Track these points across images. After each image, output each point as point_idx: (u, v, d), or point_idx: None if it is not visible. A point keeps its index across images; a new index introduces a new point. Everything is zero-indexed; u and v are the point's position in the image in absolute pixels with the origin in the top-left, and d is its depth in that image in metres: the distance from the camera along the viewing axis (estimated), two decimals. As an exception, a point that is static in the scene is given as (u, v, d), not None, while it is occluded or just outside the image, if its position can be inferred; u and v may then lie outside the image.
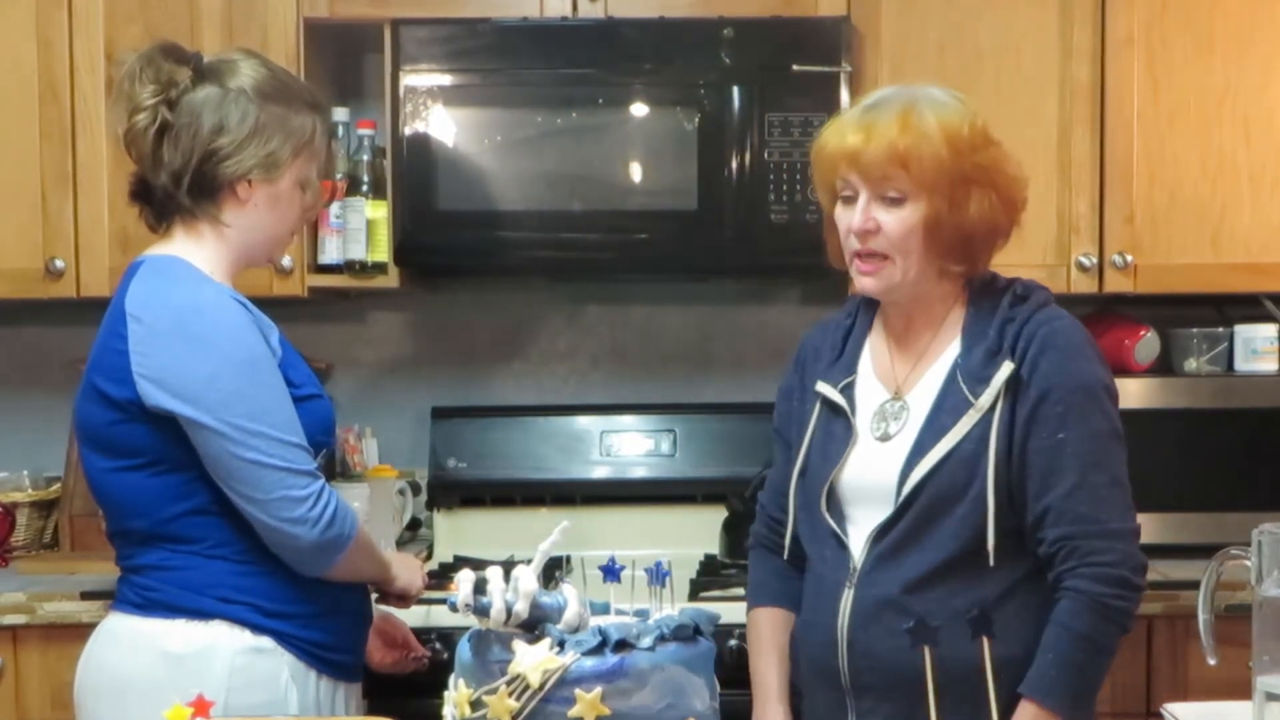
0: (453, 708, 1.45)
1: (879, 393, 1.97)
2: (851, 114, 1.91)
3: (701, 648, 1.46)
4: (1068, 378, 1.86)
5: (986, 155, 1.88)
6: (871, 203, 1.87)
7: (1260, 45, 2.87)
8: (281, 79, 2.11)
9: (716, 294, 3.30)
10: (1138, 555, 1.86)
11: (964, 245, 1.89)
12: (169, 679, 1.96)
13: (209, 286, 2.01)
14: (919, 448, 1.88)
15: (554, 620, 1.46)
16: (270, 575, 2.02)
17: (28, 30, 2.86)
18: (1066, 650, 1.81)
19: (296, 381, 2.03)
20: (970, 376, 1.88)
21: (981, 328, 1.91)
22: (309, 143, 2.10)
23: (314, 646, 2.04)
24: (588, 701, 1.37)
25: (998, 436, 1.85)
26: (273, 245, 2.14)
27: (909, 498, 1.87)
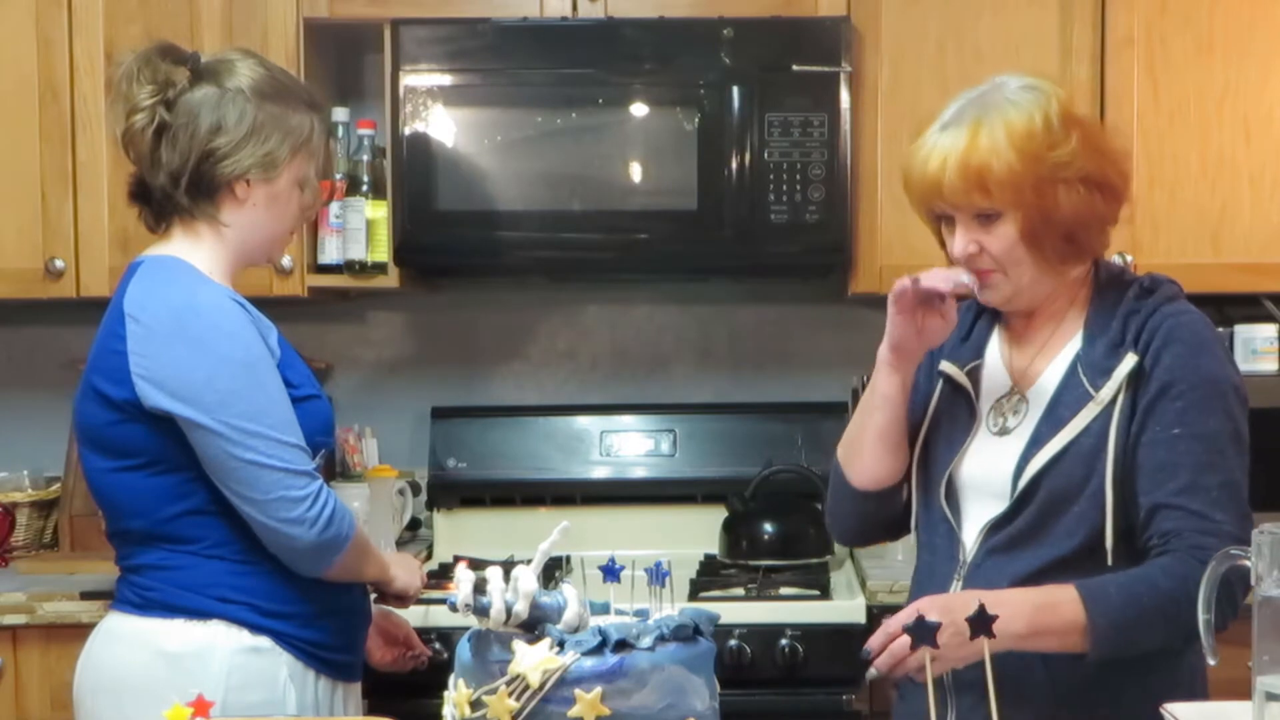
0: (453, 708, 1.45)
1: (1001, 383, 1.93)
2: (929, 137, 1.86)
3: (701, 648, 1.46)
4: (1190, 372, 1.81)
5: (1066, 148, 1.83)
6: (968, 226, 1.84)
7: (1260, 45, 2.87)
8: (279, 79, 2.11)
9: (716, 294, 3.30)
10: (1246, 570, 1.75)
11: (1067, 243, 1.85)
12: (167, 678, 1.97)
13: (207, 287, 2.00)
14: (1036, 440, 1.84)
15: (554, 620, 1.46)
16: (268, 575, 2.01)
17: (28, 30, 2.86)
18: (1140, 588, 1.74)
19: (295, 382, 2.03)
20: (1092, 368, 1.84)
21: (1105, 320, 1.87)
22: (307, 142, 2.10)
23: (312, 646, 2.04)
24: (588, 702, 1.37)
25: (1118, 431, 1.80)
26: (272, 244, 2.13)
27: (1025, 492, 1.82)
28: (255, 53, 2.15)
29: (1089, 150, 1.85)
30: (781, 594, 2.63)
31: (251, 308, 2.03)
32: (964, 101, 1.87)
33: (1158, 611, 1.73)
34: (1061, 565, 1.81)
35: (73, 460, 2.97)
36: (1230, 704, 1.77)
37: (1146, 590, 1.73)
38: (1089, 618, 1.71)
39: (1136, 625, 1.73)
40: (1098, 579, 1.75)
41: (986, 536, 1.87)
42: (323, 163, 2.18)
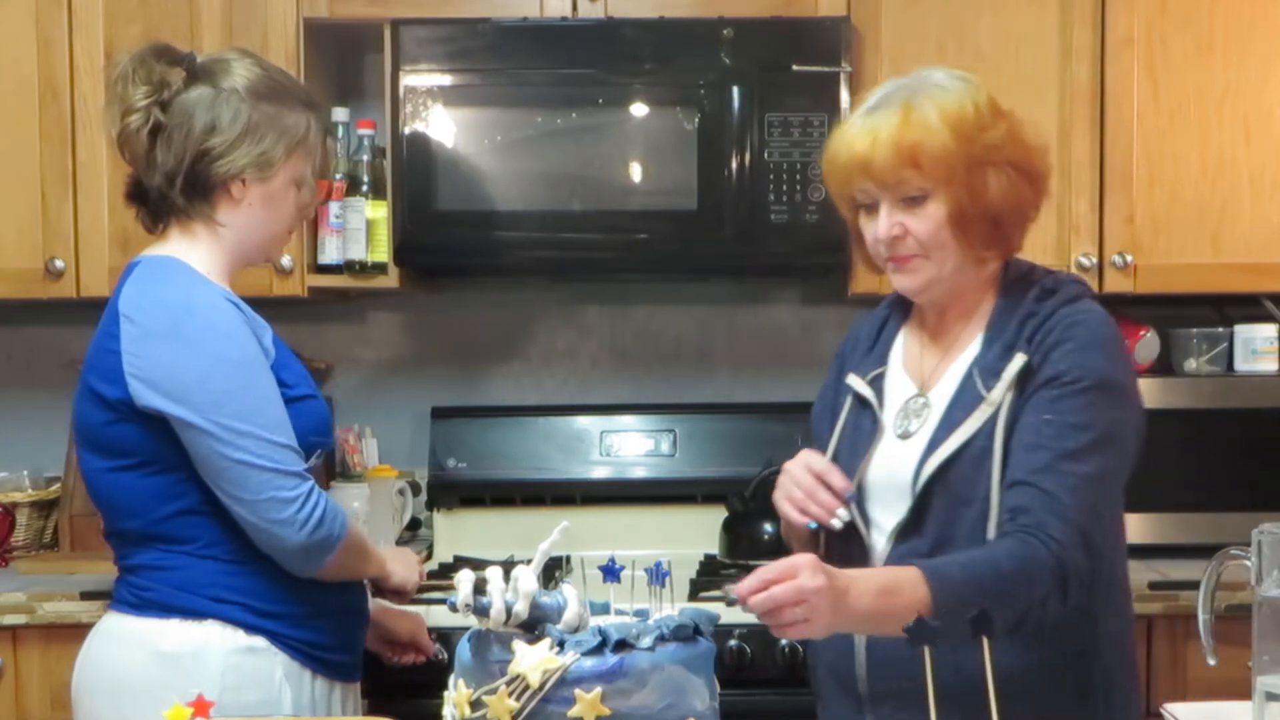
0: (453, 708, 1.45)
1: (906, 387, 1.92)
2: (855, 120, 1.87)
3: (701, 648, 1.46)
4: (1075, 367, 1.78)
5: (996, 133, 1.83)
6: (893, 208, 1.83)
7: (1260, 45, 2.87)
8: (275, 78, 2.11)
9: (716, 294, 3.30)
10: (1081, 562, 1.72)
11: (993, 229, 1.84)
12: (163, 678, 1.97)
13: (202, 287, 2.01)
14: (933, 443, 1.83)
15: (554, 620, 1.46)
16: (263, 575, 2.01)
17: (28, 30, 2.86)
18: (982, 570, 1.67)
19: (290, 382, 2.03)
20: (985, 371, 1.83)
21: (1004, 322, 1.86)
22: (303, 141, 2.10)
23: (308, 646, 2.04)
24: (588, 701, 1.37)
25: (1004, 432, 1.78)
26: (269, 244, 2.13)
27: (923, 496, 1.81)
28: (252, 53, 2.15)
29: (1015, 139, 1.85)
30: (781, 594, 2.63)
31: (246, 308, 2.03)
32: (890, 88, 1.87)
33: (998, 595, 1.66)
34: None
35: (73, 460, 2.97)
36: (1230, 704, 1.77)
37: (989, 572, 1.68)
38: (933, 600, 1.64)
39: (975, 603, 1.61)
40: (942, 559, 1.71)
41: (895, 543, 1.85)
42: (321, 162, 2.17)
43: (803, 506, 1.84)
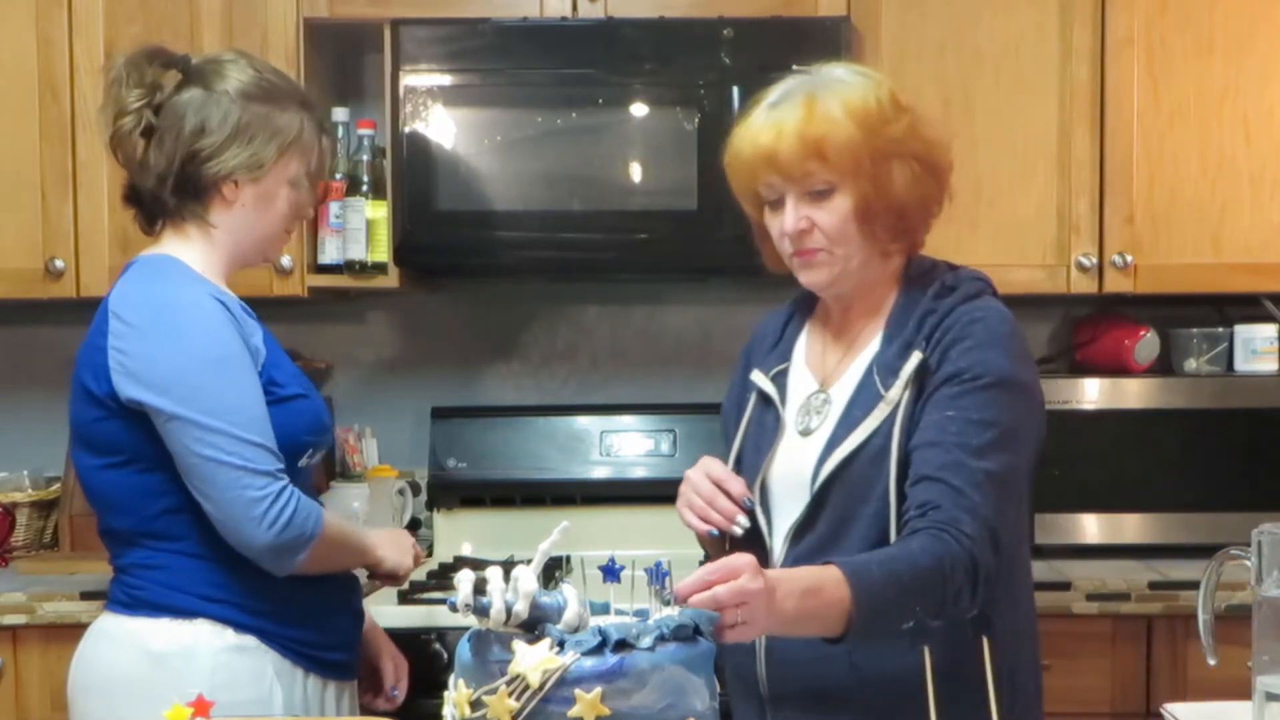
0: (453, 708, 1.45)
1: (808, 384, 1.91)
2: (757, 115, 1.85)
3: (701, 648, 1.46)
4: (975, 364, 1.76)
5: (899, 126, 1.82)
6: (799, 202, 1.82)
7: (1260, 45, 2.87)
8: (268, 78, 2.11)
9: (716, 294, 3.30)
10: (988, 558, 1.69)
11: (898, 222, 1.83)
12: (154, 678, 1.98)
13: (190, 284, 2.01)
14: (832, 442, 1.81)
15: (554, 620, 1.45)
16: (252, 572, 2.01)
17: (28, 30, 2.86)
18: (900, 566, 1.64)
19: (281, 381, 2.03)
20: (884, 369, 1.82)
21: (903, 319, 1.84)
22: (295, 141, 2.10)
23: (300, 644, 2.04)
24: (588, 701, 1.37)
25: (901, 429, 1.77)
26: (265, 244, 2.14)
27: (820, 495, 1.80)
28: (248, 54, 2.16)
29: (918, 134, 1.84)
30: (781, 594, 2.63)
31: (237, 307, 2.03)
32: (791, 83, 1.86)
33: (914, 591, 1.63)
34: None
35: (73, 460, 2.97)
36: (1230, 704, 1.77)
37: (906, 569, 1.64)
38: (854, 599, 1.59)
39: (896, 605, 1.61)
40: (860, 557, 1.68)
41: (791, 544, 1.84)
42: (318, 163, 2.17)
43: (703, 514, 1.83)
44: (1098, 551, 2.82)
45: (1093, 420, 2.83)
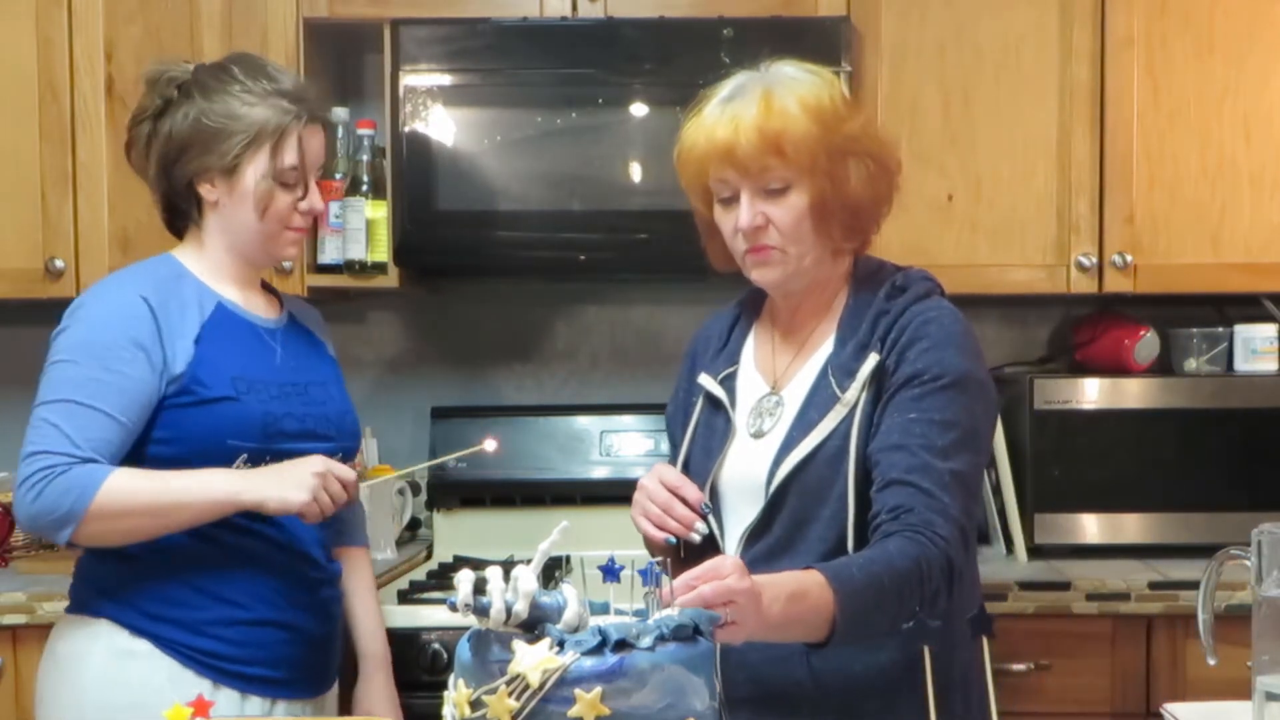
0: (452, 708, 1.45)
1: (758, 386, 1.91)
2: (711, 109, 1.84)
3: (701, 648, 1.46)
4: (933, 364, 1.77)
5: (855, 124, 1.82)
6: (754, 198, 1.81)
7: (1260, 45, 2.87)
8: (237, 76, 2.09)
9: (716, 294, 3.29)
10: (960, 555, 1.72)
11: (853, 220, 1.83)
12: (54, 680, 2.02)
13: (127, 281, 2.06)
14: (787, 444, 1.81)
15: (554, 620, 1.45)
16: (161, 576, 2.00)
17: (28, 30, 2.86)
18: (878, 569, 1.64)
19: (207, 383, 2.02)
20: (839, 370, 1.81)
21: (856, 321, 1.84)
22: (270, 134, 2.07)
23: (203, 655, 2.01)
24: (587, 701, 1.37)
25: (859, 431, 1.77)
26: (262, 242, 2.12)
27: (776, 498, 1.79)
28: (241, 54, 2.18)
29: (871, 133, 1.85)
30: (781, 594, 2.62)
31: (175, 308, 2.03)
32: (743, 79, 1.85)
33: (894, 593, 1.65)
34: None
35: (73, 460, 2.97)
36: (1230, 704, 1.77)
37: (885, 571, 1.64)
38: (838, 603, 1.59)
39: (877, 608, 1.64)
40: (839, 561, 1.67)
41: (745, 547, 1.83)
42: (305, 153, 2.11)
43: (660, 522, 1.83)
44: (1097, 551, 2.82)
45: (1093, 420, 2.83)
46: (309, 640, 2.11)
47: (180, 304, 2.05)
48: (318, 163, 2.16)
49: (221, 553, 2.03)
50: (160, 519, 1.96)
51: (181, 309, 2.05)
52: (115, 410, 1.97)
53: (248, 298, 2.16)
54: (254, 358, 2.10)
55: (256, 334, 2.13)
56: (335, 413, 2.19)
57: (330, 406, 2.19)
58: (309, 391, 2.16)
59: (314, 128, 2.13)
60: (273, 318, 2.19)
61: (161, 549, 2.00)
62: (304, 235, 2.18)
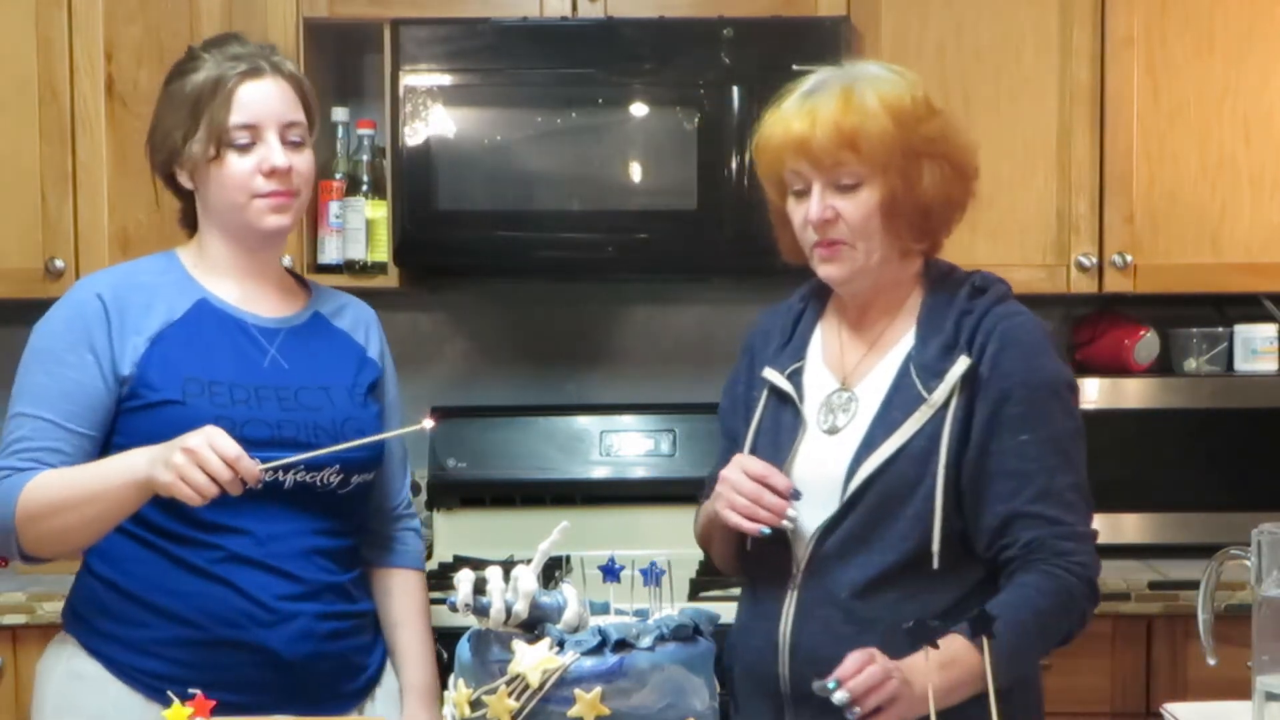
0: (453, 708, 1.45)
1: (827, 381, 1.91)
2: (791, 102, 1.85)
3: (701, 648, 1.47)
4: (1030, 375, 1.80)
5: (933, 126, 1.83)
6: (826, 191, 1.82)
7: (1260, 45, 2.87)
8: (195, 52, 2.01)
9: (716, 294, 3.30)
10: (1098, 563, 1.82)
11: (923, 222, 1.84)
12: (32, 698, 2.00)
13: (102, 273, 2.05)
14: (868, 442, 1.81)
15: (554, 620, 1.46)
16: (115, 592, 1.93)
17: (27, 30, 2.86)
18: (1022, 615, 1.73)
19: (156, 385, 1.92)
20: (924, 370, 1.82)
21: (938, 319, 1.85)
22: (208, 96, 1.95)
23: (154, 678, 1.89)
24: (587, 701, 1.37)
25: (950, 434, 1.78)
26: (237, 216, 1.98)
27: (856, 495, 1.80)
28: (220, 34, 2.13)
29: (949, 136, 1.86)
30: (781, 594, 2.63)
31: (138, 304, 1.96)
32: (826, 74, 1.86)
33: (1042, 631, 1.76)
34: (898, 570, 1.79)
35: (73, 460, 2.97)
36: (1230, 704, 1.78)
37: (1030, 616, 1.74)
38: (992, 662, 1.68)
39: (1028, 649, 1.77)
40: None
41: (819, 542, 1.83)
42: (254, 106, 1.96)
43: (749, 513, 1.81)
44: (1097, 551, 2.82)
45: (1093, 420, 2.79)
46: (277, 663, 1.92)
47: (146, 301, 1.96)
48: (276, 117, 1.97)
49: (174, 566, 1.91)
50: (79, 511, 1.85)
51: (146, 306, 1.96)
52: (60, 417, 1.90)
53: (248, 292, 2.04)
54: (227, 358, 1.97)
55: (244, 332, 2.01)
56: (330, 420, 2.01)
57: (325, 413, 2.01)
58: (299, 396, 2.00)
59: (259, 80, 1.97)
60: (281, 315, 2.06)
61: (116, 561, 1.93)
62: (285, 201, 1.98)
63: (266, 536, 1.93)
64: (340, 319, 2.15)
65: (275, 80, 1.99)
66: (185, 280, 2.02)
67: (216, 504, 1.80)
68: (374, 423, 2.07)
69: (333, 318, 2.13)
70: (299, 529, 1.96)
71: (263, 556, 1.93)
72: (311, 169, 2.04)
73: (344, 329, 2.14)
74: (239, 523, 1.91)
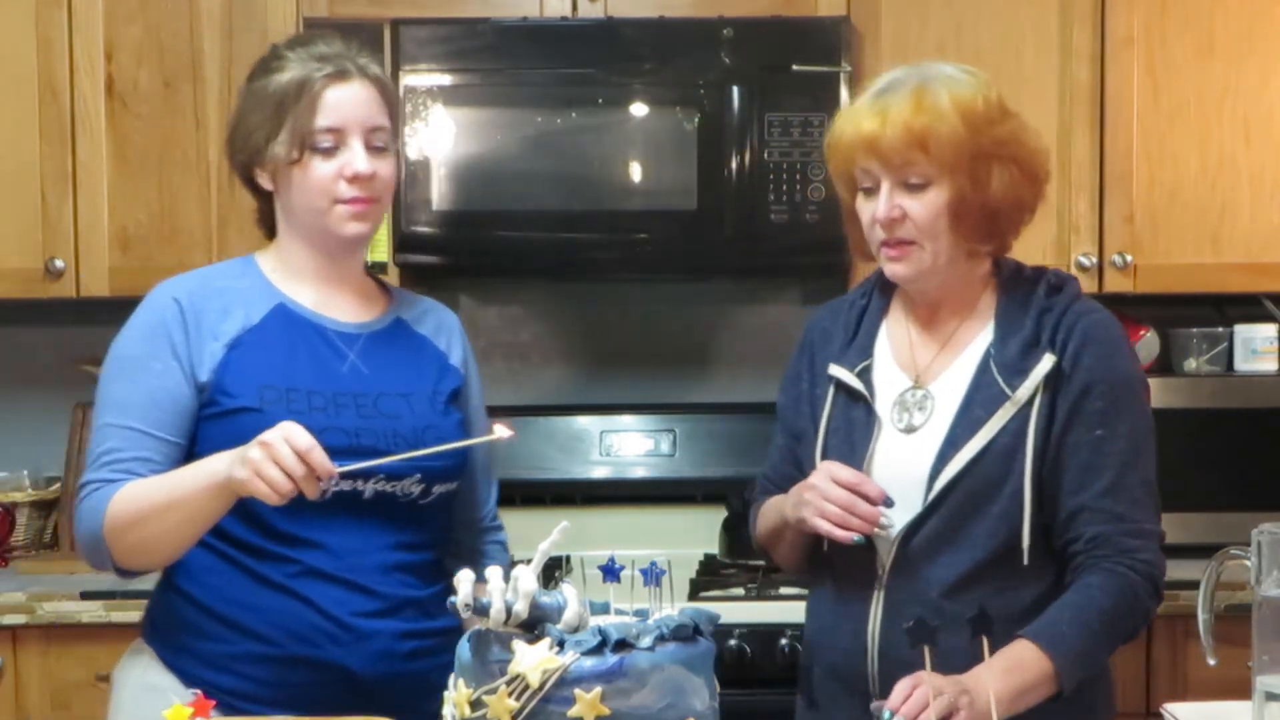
0: (453, 708, 1.45)
1: (899, 380, 1.90)
2: (864, 100, 1.86)
3: (701, 648, 1.46)
4: (1110, 372, 1.82)
5: (1004, 128, 1.84)
6: (894, 190, 1.82)
7: (1260, 45, 2.87)
8: (278, 51, 1.98)
9: (716, 294, 3.30)
10: (1163, 562, 1.83)
11: (990, 223, 1.84)
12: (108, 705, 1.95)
13: (181, 276, 1.98)
14: (952, 441, 1.82)
15: (554, 620, 1.46)
16: (192, 606, 1.89)
17: (27, 30, 2.86)
18: (1087, 616, 1.76)
19: (233, 392, 1.88)
20: (1006, 368, 1.83)
21: (1016, 317, 1.86)
22: (294, 97, 1.92)
23: (231, 695, 1.83)
24: (587, 701, 1.37)
25: (1036, 431, 1.80)
26: (318, 221, 1.94)
27: (942, 494, 1.81)
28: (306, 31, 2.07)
29: (1020, 139, 1.86)
30: (781, 594, 2.63)
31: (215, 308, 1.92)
32: (901, 73, 1.87)
33: (1108, 630, 1.78)
34: (986, 567, 1.80)
35: (73, 460, 2.97)
36: (1230, 704, 1.77)
37: (1094, 616, 1.76)
38: (1054, 663, 1.73)
39: (1094, 650, 1.78)
40: (1045, 620, 1.77)
41: (902, 542, 1.83)
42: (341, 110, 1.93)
43: (843, 522, 1.80)
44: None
45: (1093, 420, 2.82)
46: (353, 683, 1.85)
47: (223, 306, 1.92)
48: (360, 121, 1.94)
49: (250, 580, 1.87)
50: (163, 520, 1.80)
51: (224, 311, 1.92)
52: (148, 425, 1.86)
53: (328, 297, 1.98)
54: (305, 364, 1.92)
55: (323, 338, 1.95)
56: (410, 428, 1.93)
57: (405, 421, 1.94)
58: (378, 403, 1.94)
59: (345, 83, 1.94)
60: (362, 320, 2.00)
61: (194, 574, 1.89)
62: (366, 208, 1.95)
63: (343, 550, 1.86)
64: (422, 324, 2.08)
65: (361, 83, 1.96)
66: (263, 285, 1.97)
67: (294, 515, 1.77)
68: (455, 431, 2.00)
69: (414, 323, 2.07)
70: (378, 542, 1.89)
71: (340, 570, 1.87)
72: (394, 175, 2.00)
73: (426, 335, 2.08)
74: (315, 535, 1.86)
